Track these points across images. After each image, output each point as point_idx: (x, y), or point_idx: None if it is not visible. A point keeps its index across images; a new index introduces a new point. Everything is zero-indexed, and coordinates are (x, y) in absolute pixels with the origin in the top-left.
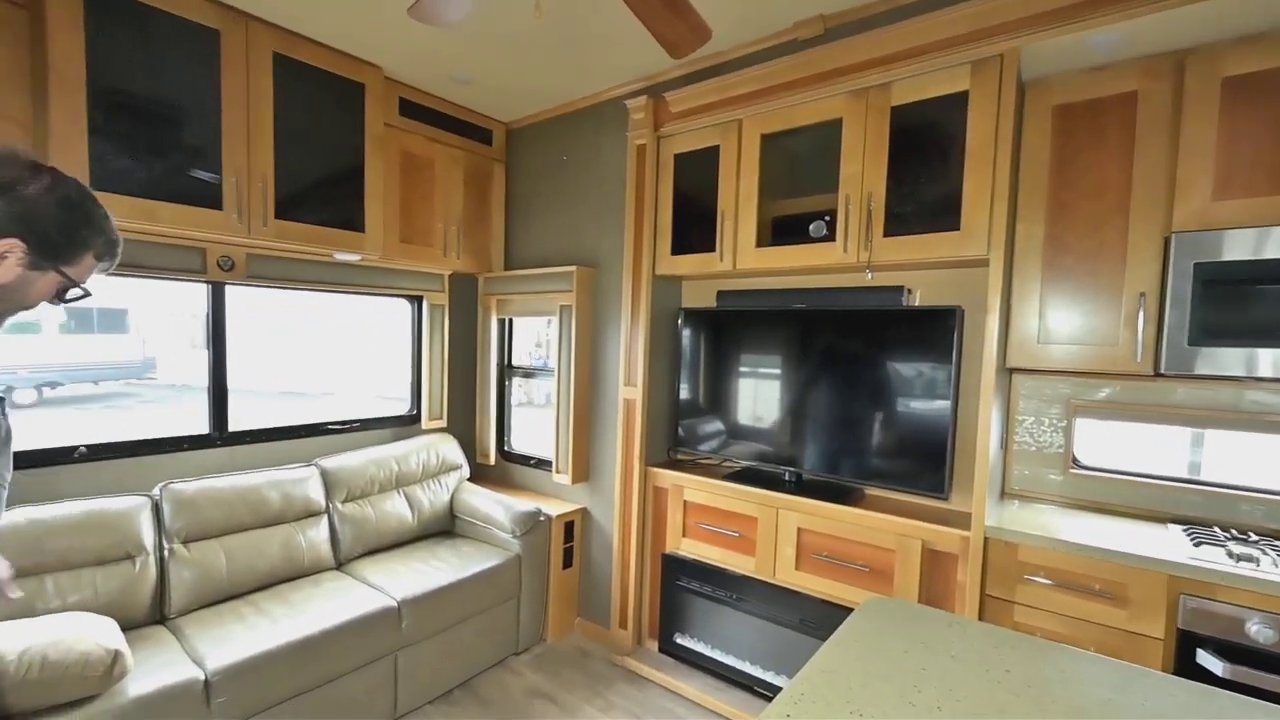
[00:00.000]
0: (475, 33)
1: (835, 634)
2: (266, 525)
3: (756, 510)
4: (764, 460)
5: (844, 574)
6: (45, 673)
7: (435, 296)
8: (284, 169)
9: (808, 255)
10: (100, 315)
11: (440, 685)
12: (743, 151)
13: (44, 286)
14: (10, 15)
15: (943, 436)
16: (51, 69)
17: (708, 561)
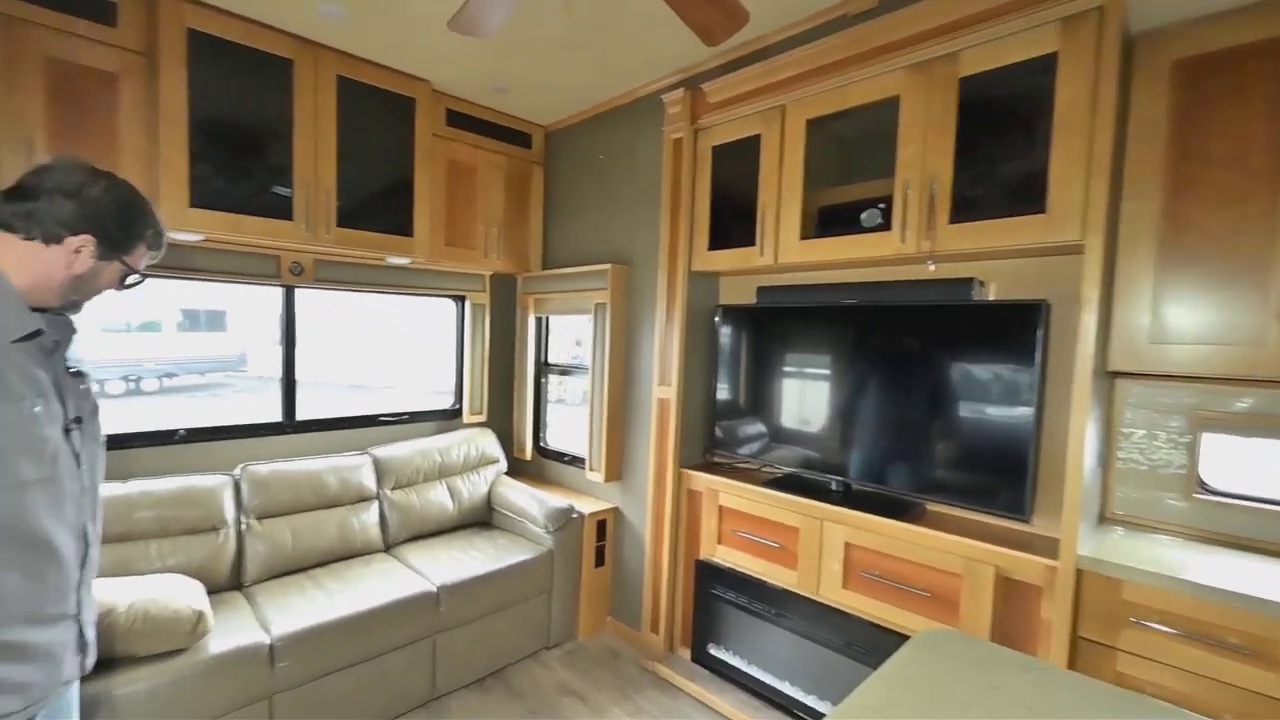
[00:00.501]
0: (513, 40)
1: (884, 666)
2: (326, 507)
3: (799, 520)
4: (809, 467)
5: (900, 597)
6: (146, 625)
7: (477, 296)
8: (344, 181)
9: (859, 246)
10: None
11: (474, 672)
12: (786, 139)
13: (110, 275)
14: (134, 62)
15: (1023, 449)
16: (162, 105)
17: (745, 571)
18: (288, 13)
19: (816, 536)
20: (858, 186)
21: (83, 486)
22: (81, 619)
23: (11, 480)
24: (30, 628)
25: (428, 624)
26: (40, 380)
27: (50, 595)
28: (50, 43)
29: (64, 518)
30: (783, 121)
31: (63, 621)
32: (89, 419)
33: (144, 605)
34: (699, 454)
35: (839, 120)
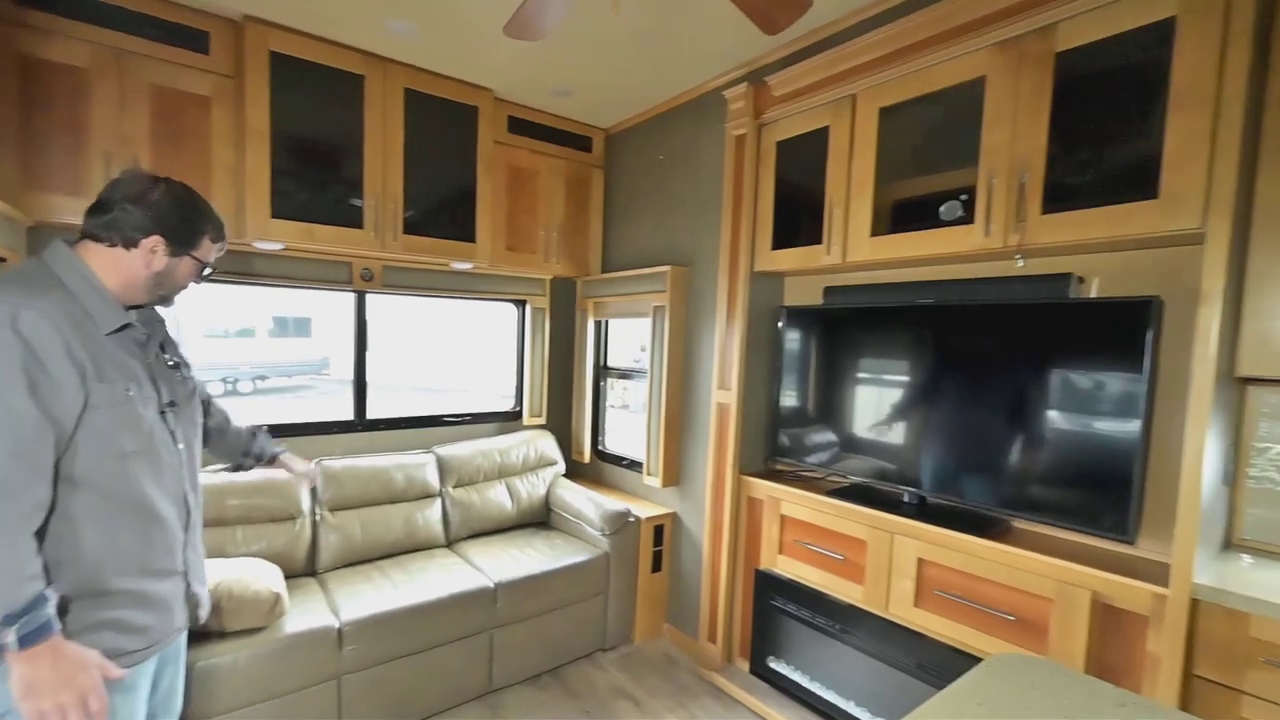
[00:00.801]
0: (573, 42)
1: (951, 687)
2: (392, 502)
3: (866, 533)
4: (880, 478)
5: (980, 619)
6: (231, 603)
7: (537, 300)
8: (411, 189)
9: (937, 242)
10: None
11: (530, 668)
12: (857, 130)
13: (184, 269)
14: (224, 85)
15: (1128, 464)
16: (247, 123)
17: (807, 584)
18: (359, 30)
19: (886, 551)
20: (936, 178)
21: (180, 459)
22: (189, 576)
23: (115, 450)
24: (145, 579)
25: (485, 619)
26: (132, 367)
27: (158, 552)
28: (155, 72)
29: (164, 485)
30: (853, 111)
31: (172, 576)
32: (184, 402)
33: (229, 585)
34: (760, 461)
35: (915, 107)
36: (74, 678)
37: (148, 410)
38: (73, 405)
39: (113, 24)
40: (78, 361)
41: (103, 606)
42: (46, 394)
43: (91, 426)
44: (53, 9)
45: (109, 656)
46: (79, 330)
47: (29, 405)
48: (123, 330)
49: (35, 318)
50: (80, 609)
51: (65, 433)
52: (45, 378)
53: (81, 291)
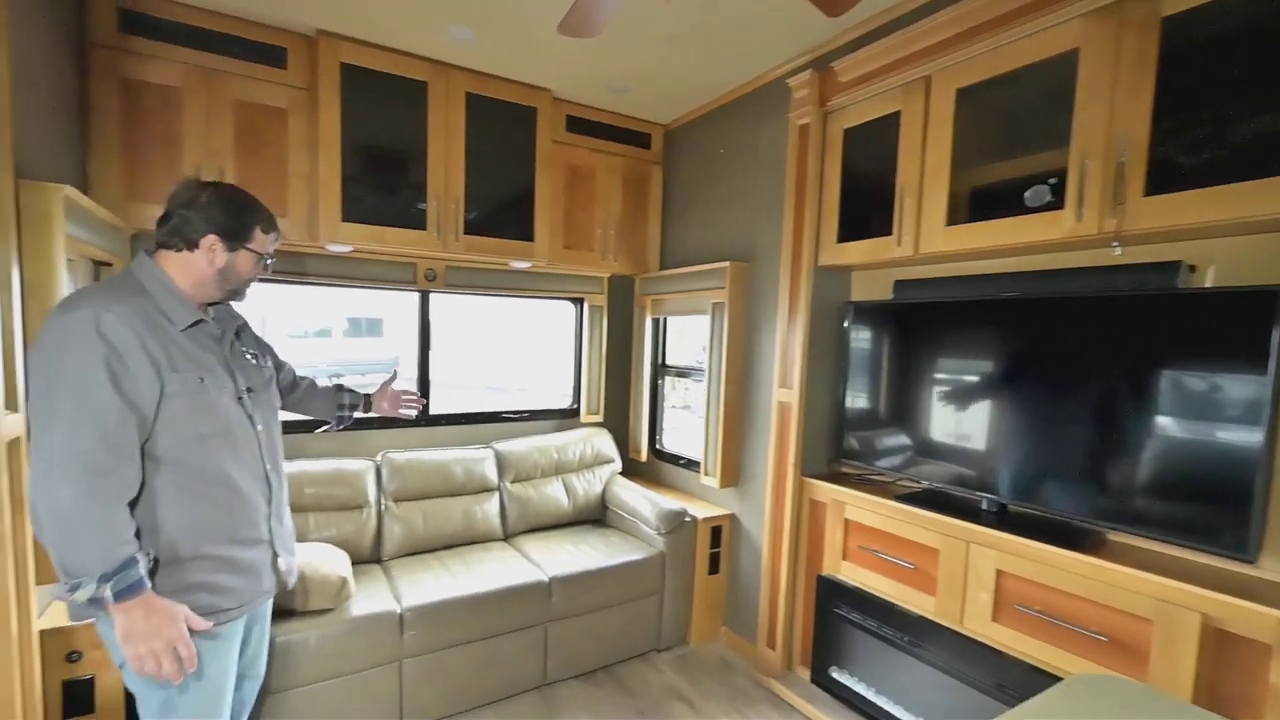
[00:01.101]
0: (630, 37)
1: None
2: (452, 495)
3: (939, 541)
4: (955, 483)
5: (1068, 639)
6: (302, 584)
7: (595, 298)
8: (471, 191)
9: (1021, 230)
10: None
11: (584, 664)
12: (931, 114)
13: (244, 262)
14: (299, 98)
15: (1249, 474)
16: (320, 132)
17: (873, 592)
18: (423, 39)
19: (961, 560)
20: (1020, 161)
21: (258, 440)
22: (274, 545)
23: (193, 432)
24: (232, 546)
25: (540, 612)
26: (205, 359)
27: (241, 523)
28: (238, 88)
29: (244, 463)
30: (927, 94)
31: (258, 545)
32: (261, 389)
33: (301, 567)
34: (823, 463)
35: (996, 87)
36: (163, 628)
37: (222, 396)
38: (151, 394)
39: (203, 45)
40: (152, 356)
41: (195, 569)
42: (128, 386)
43: (170, 412)
44: (152, 34)
45: (203, 613)
46: (154, 328)
47: (114, 396)
48: (196, 326)
49: (114, 320)
50: (175, 571)
51: (147, 418)
52: (125, 371)
53: (158, 294)
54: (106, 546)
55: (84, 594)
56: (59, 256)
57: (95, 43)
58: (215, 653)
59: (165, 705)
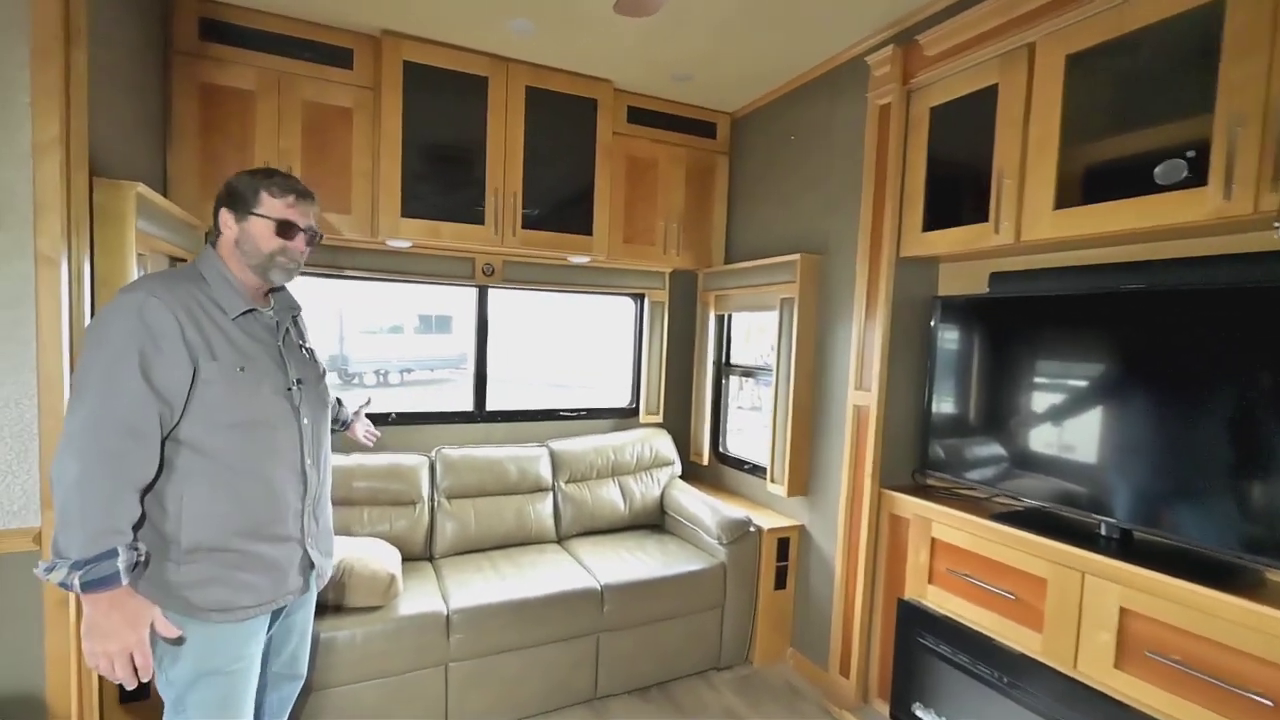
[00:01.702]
0: (691, 23)
1: None
2: (505, 494)
3: (1047, 569)
4: (1065, 502)
5: (1218, 698)
6: (351, 580)
7: (656, 294)
8: (530, 185)
9: (1151, 212)
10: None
11: (638, 679)
12: (1035, 84)
13: (257, 229)
14: (364, 97)
15: None
16: (382, 130)
17: (965, 623)
18: (484, 33)
19: (1074, 594)
20: (1146, 133)
21: (300, 434)
22: (306, 543)
23: (226, 420)
24: (257, 542)
25: (590, 621)
26: (250, 348)
27: (269, 517)
28: (308, 89)
29: (279, 456)
30: (1030, 63)
31: (287, 542)
32: (313, 383)
33: (351, 562)
34: (906, 473)
35: (1116, 50)
36: (120, 631)
37: (263, 387)
38: (182, 381)
39: (276, 50)
40: (189, 343)
41: (212, 562)
42: (159, 373)
43: (204, 399)
44: (228, 41)
45: (219, 609)
46: (200, 315)
47: (141, 383)
48: (248, 315)
49: (157, 305)
50: (192, 561)
51: (174, 407)
52: (159, 358)
53: (215, 283)
54: (92, 532)
55: (56, 576)
56: (130, 251)
57: (178, 50)
58: (229, 649)
59: (176, 703)
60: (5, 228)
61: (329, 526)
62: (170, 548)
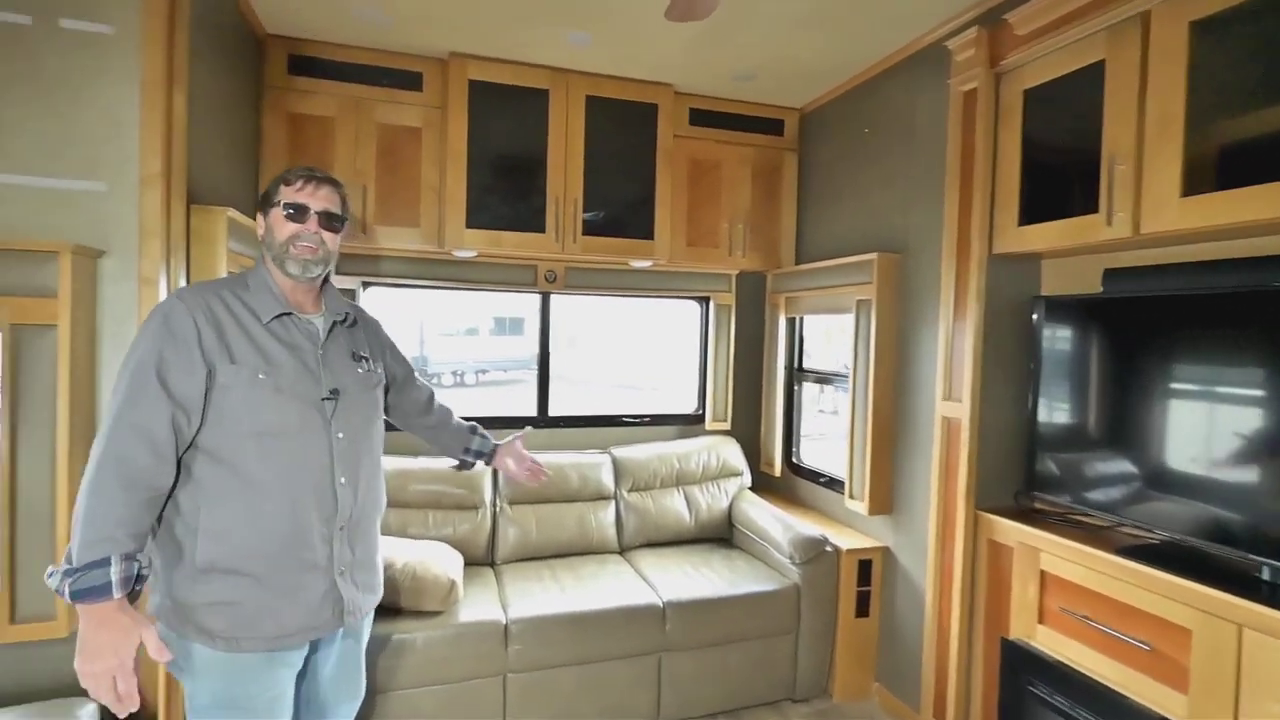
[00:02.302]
0: (749, 22)
1: None
2: (567, 501)
3: (1191, 618)
4: (1213, 536)
5: None
6: (413, 583)
7: (722, 297)
8: (590, 191)
9: None
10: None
11: (703, 705)
12: (1151, 57)
13: (274, 220)
14: (432, 116)
15: None
16: (448, 146)
17: (1086, 672)
18: (543, 48)
19: (1230, 650)
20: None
21: (331, 448)
22: (336, 573)
23: (245, 429)
24: (270, 566)
25: (652, 640)
26: (277, 354)
27: (288, 540)
28: (382, 112)
29: (304, 472)
30: (1145, 33)
31: (311, 570)
32: (355, 393)
33: (414, 566)
34: (1007, 494)
35: (1254, 11)
36: (105, 651)
37: (286, 394)
38: (197, 387)
39: (354, 78)
40: (206, 348)
41: (228, 584)
42: (174, 378)
43: (222, 405)
44: (312, 73)
45: (230, 637)
46: (228, 318)
47: (155, 386)
48: (282, 319)
49: (181, 310)
50: (201, 580)
51: (191, 411)
52: (176, 362)
53: (255, 288)
54: (89, 539)
55: (52, 583)
56: (221, 269)
57: (269, 84)
58: (251, 681)
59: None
60: (114, 253)
61: (371, 559)
62: (185, 564)
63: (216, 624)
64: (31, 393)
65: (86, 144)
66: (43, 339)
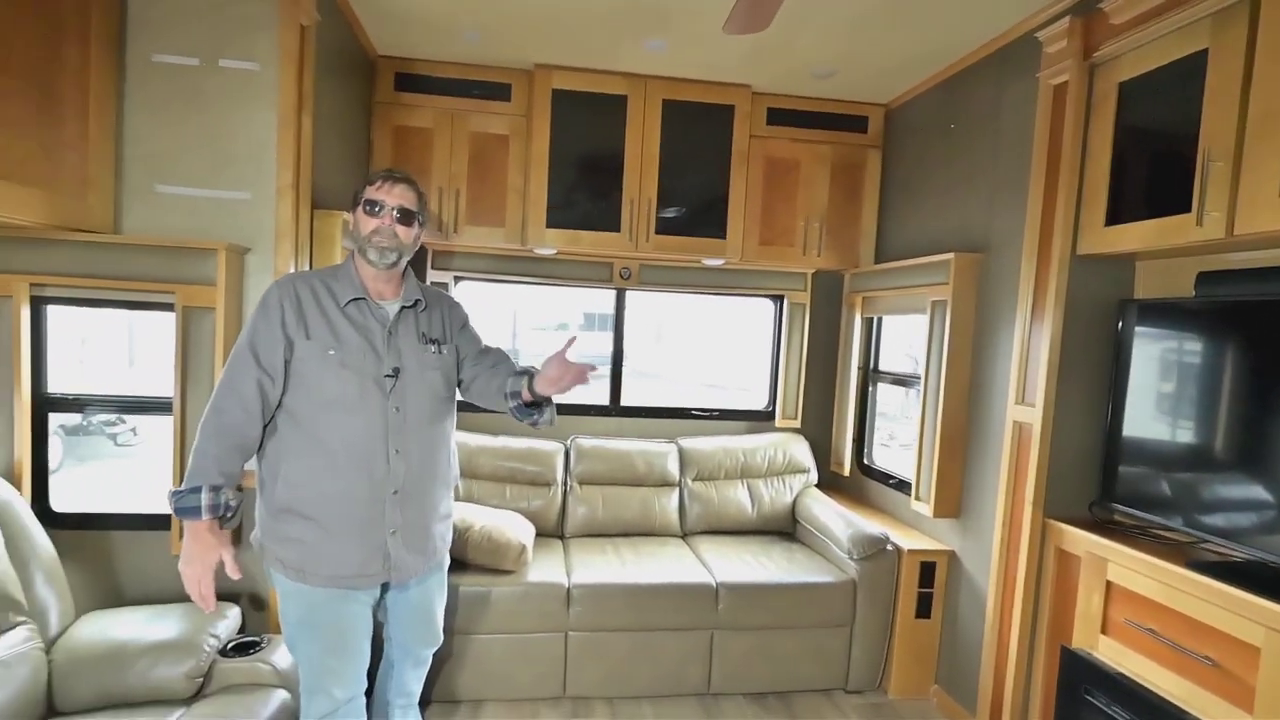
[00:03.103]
0: (826, 21)
1: None
2: (633, 485)
3: (1260, 637)
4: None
5: None
6: (488, 544)
7: (796, 295)
8: (664, 191)
9: None
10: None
11: (753, 683)
12: (1260, 45)
13: (358, 216)
14: (518, 124)
15: None
16: (532, 151)
17: (1146, 685)
18: (621, 56)
19: None
20: None
21: (387, 422)
22: (385, 532)
23: (314, 398)
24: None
25: (704, 616)
26: (347, 334)
27: (342, 498)
28: (475, 122)
29: (360, 441)
30: (1252, 20)
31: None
32: (416, 373)
33: (489, 530)
34: (1081, 504)
35: None
36: (193, 559)
37: (349, 370)
38: (280, 355)
39: (451, 92)
40: (287, 325)
41: (296, 525)
42: (262, 346)
43: (298, 374)
44: (415, 90)
45: (297, 569)
46: (308, 302)
47: (248, 354)
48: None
49: (275, 293)
50: (278, 518)
51: (275, 378)
52: (265, 333)
53: (342, 275)
54: (190, 471)
55: (167, 500)
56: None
57: (378, 101)
58: (321, 609)
59: (289, 640)
60: (256, 250)
61: (425, 525)
62: (269, 503)
63: (289, 556)
64: (196, 358)
65: (236, 162)
66: (204, 318)
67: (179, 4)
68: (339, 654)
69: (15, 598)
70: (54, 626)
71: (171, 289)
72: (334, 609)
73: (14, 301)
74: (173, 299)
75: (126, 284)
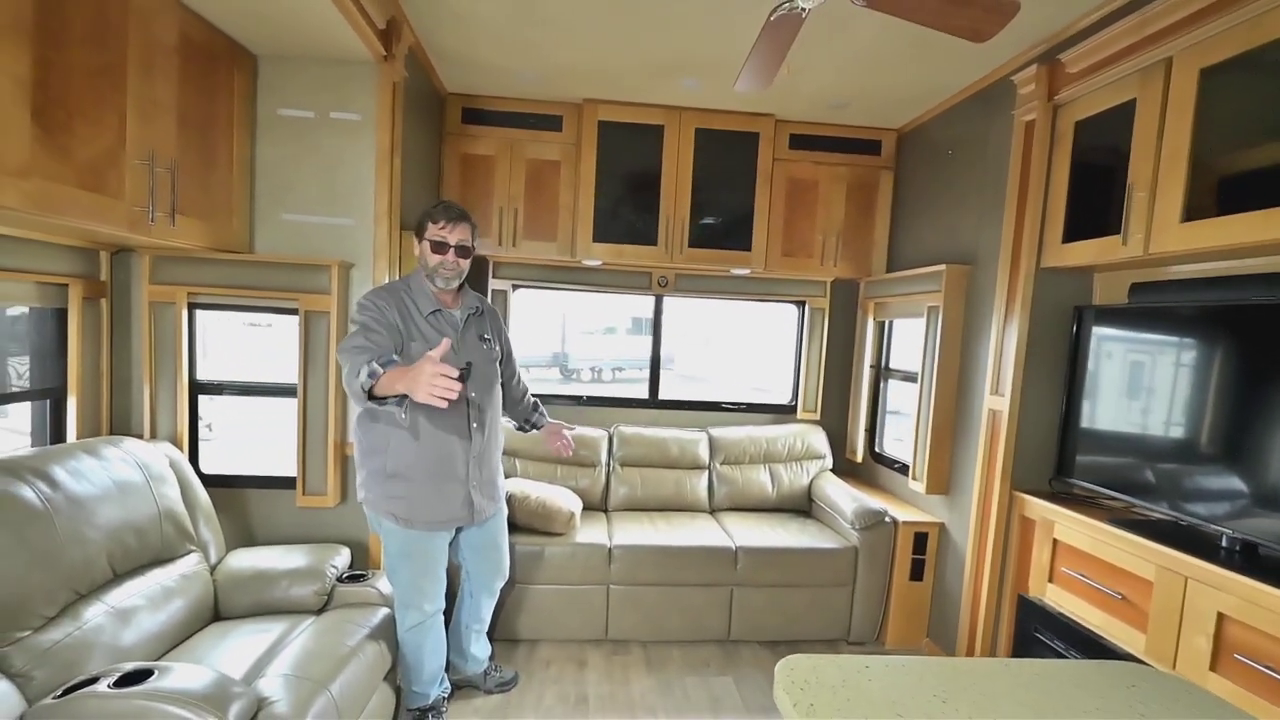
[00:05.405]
0: (842, 63)
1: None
2: (668, 467)
3: (1153, 573)
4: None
5: None
6: (542, 510)
7: (816, 301)
8: (697, 209)
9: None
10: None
11: (767, 633)
12: (1170, 98)
13: (424, 249)
14: (568, 151)
15: None
16: (580, 175)
17: (1078, 620)
18: (660, 92)
19: (1176, 597)
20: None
21: (468, 406)
22: (469, 483)
23: None
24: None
25: (724, 574)
26: (433, 338)
27: (439, 461)
28: (531, 149)
29: (449, 418)
30: (1166, 78)
31: (454, 480)
32: (482, 366)
33: (544, 499)
34: (1043, 478)
35: (1250, 63)
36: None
37: None
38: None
39: (511, 124)
40: (389, 323)
41: (398, 485)
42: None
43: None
44: (479, 122)
45: (405, 518)
46: (398, 309)
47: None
48: (436, 314)
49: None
50: (388, 481)
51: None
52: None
53: (415, 291)
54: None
55: (365, 374)
56: None
57: (448, 132)
58: (416, 546)
59: (389, 570)
60: (359, 266)
61: (493, 477)
62: (381, 469)
63: (398, 509)
64: (315, 353)
65: (343, 195)
66: (320, 321)
67: (299, 69)
68: (428, 576)
69: (190, 531)
70: (213, 557)
71: (295, 297)
72: (425, 544)
73: (176, 307)
74: (297, 305)
75: (261, 293)
